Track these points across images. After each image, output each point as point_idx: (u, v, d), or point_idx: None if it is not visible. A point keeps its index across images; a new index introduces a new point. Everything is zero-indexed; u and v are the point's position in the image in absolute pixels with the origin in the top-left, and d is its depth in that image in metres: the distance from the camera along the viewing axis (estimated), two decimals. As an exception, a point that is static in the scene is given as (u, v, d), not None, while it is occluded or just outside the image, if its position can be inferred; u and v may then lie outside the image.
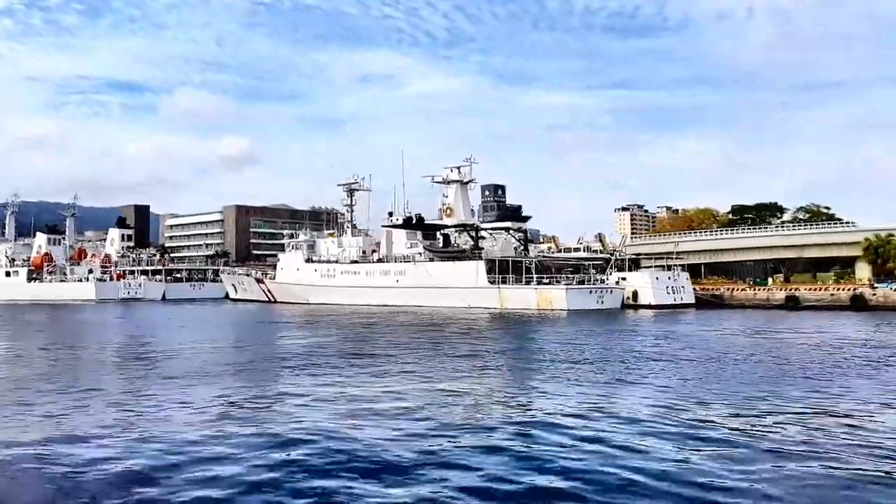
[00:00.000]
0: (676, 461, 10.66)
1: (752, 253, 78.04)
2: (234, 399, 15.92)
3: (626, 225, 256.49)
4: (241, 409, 14.75)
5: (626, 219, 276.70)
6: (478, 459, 10.72)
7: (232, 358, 24.75)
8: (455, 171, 76.05)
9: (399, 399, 15.79)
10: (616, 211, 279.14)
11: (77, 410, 14.62)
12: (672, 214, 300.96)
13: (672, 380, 18.92)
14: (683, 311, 54.97)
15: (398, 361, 22.93)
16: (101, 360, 24.41)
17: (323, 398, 15.98)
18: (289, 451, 11.21)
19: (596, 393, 16.73)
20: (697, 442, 11.88)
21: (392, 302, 65.46)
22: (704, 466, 10.38)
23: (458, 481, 9.68)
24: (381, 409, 14.68)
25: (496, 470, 10.21)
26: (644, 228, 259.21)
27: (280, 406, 15.18)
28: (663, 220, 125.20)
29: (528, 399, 16.21)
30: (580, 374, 20.00)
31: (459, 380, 18.78)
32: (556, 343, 29.60)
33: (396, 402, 15.46)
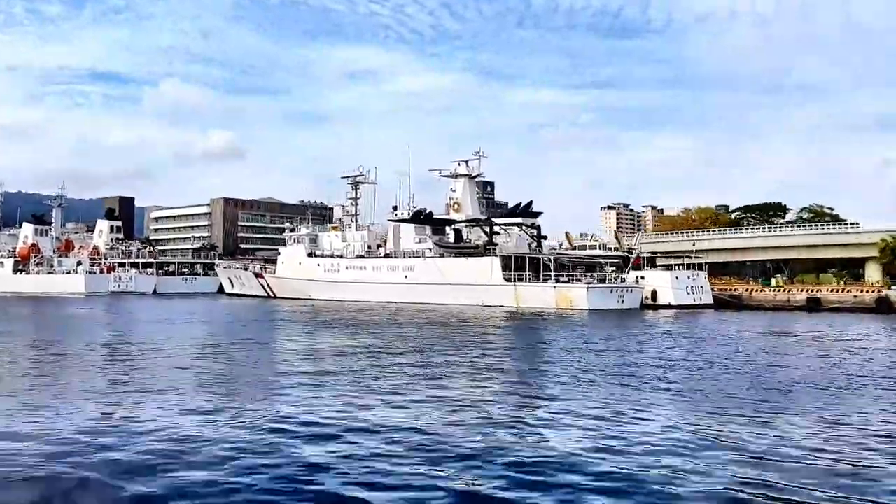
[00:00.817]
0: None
1: (770, 253, 76.65)
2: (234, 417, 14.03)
3: (612, 223, 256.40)
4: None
5: (611, 217, 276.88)
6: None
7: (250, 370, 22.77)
8: (463, 164, 74.20)
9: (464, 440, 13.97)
10: (602, 209, 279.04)
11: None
12: (658, 213, 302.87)
13: (744, 399, 17.27)
14: (703, 312, 53.66)
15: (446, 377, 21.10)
16: (88, 364, 22.29)
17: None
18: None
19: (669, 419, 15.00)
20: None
21: (400, 299, 63.53)
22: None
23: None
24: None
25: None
26: (630, 227, 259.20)
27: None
28: (664, 218, 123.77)
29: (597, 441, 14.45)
30: (656, 396, 18.28)
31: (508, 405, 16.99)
32: (612, 352, 27.91)
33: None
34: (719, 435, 12.29)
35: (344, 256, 73.07)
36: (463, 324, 40.18)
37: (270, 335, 33.20)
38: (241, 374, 19.67)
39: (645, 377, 19.22)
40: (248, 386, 17.57)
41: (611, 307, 52.77)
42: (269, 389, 16.55)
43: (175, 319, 44.58)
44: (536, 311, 51.76)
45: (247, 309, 56.81)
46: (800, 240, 75.48)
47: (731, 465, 10.42)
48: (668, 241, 77.71)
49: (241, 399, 15.30)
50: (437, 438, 11.79)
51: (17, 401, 14.81)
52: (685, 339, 31.77)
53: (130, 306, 59.90)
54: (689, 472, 10.00)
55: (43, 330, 36.65)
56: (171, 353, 24.31)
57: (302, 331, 35.28)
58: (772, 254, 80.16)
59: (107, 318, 46.23)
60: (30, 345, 26.95)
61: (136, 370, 19.98)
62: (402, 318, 43.76)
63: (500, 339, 32.50)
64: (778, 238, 75.41)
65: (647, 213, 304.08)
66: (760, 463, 10.51)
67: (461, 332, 34.47)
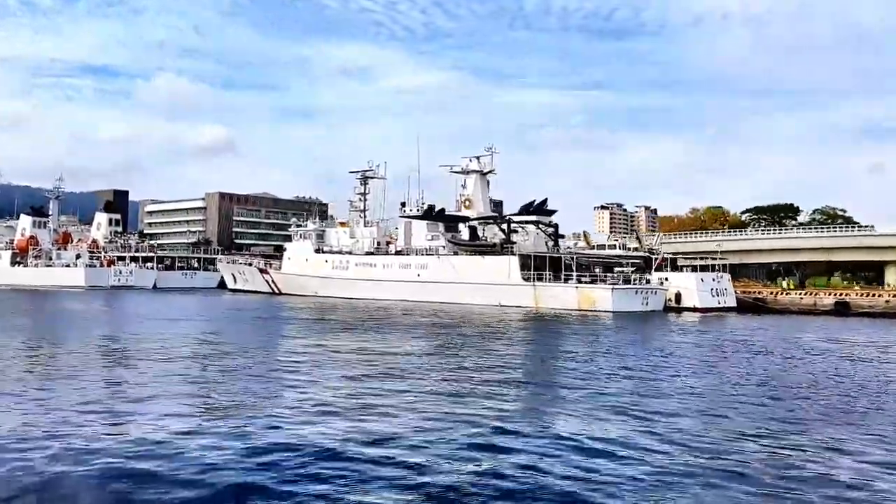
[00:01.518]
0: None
1: (784, 255, 75.00)
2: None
3: (605, 224, 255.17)
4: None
5: (605, 217, 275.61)
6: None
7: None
8: (475, 160, 72.38)
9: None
10: (595, 209, 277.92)
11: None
12: (651, 213, 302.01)
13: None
14: (728, 316, 51.98)
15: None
16: (111, 369, 20.35)
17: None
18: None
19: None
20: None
21: (412, 297, 61.62)
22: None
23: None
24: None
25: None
26: (623, 227, 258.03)
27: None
28: (662, 219, 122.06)
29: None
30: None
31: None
32: (664, 366, 26.10)
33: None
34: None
35: (353, 253, 71.08)
36: (486, 326, 38.35)
37: (289, 336, 31.23)
38: (263, 381, 17.79)
39: (726, 404, 17.42)
40: (267, 400, 15.69)
41: (635, 309, 51.03)
42: (293, 397, 14.71)
43: (183, 316, 42.61)
44: (557, 313, 49.97)
45: (254, 305, 54.83)
46: (819, 241, 73.68)
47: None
48: (689, 241, 75.85)
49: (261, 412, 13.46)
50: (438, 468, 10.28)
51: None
52: (738, 352, 29.98)
53: (134, 301, 57.82)
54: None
55: (49, 327, 34.63)
56: (186, 356, 22.41)
57: (323, 331, 33.34)
58: (786, 255, 78.47)
59: (114, 315, 44.17)
60: (38, 346, 24.98)
61: (150, 378, 18.05)
62: (425, 319, 41.88)
63: (533, 345, 30.64)
64: (806, 240, 73.36)
65: (640, 214, 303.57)
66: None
67: (486, 336, 32.66)
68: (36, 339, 26.51)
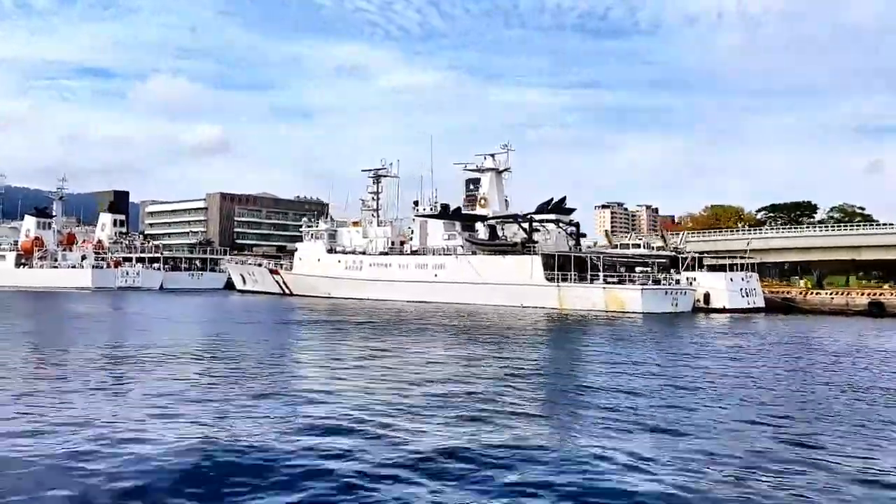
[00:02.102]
0: None
1: (801, 254, 72.89)
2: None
3: (606, 223, 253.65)
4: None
5: (606, 216, 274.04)
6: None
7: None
8: (490, 158, 70.77)
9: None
10: (596, 208, 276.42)
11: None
12: (652, 212, 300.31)
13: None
14: (757, 316, 50.37)
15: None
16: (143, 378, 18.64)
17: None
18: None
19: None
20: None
21: (429, 298, 59.99)
22: None
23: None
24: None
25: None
26: (624, 227, 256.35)
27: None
28: (687, 218, 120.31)
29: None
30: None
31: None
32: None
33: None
34: None
35: (367, 253, 69.40)
36: (515, 329, 36.68)
37: (319, 344, 29.53)
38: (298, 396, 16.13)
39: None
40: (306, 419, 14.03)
41: (665, 310, 49.38)
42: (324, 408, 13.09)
43: (203, 319, 41.01)
44: (583, 314, 48.30)
45: (269, 307, 53.18)
46: (848, 240, 71.72)
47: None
48: (714, 239, 74.04)
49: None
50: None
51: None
52: (797, 356, 28.31)
53: (145, 304, 56.16)
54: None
55: (73, 332, 32.94)
56: (207, 362, 20.76)
57: (357, 336, 31.63)
58: (808, 254, 76.59)
59: (129, 319, 42.47)
60: (69, 352, 23.30)
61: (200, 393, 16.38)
62: (453, 321, 40.19)
63: (578, 353, 28.90)
64: (833, 238, 71.26)
65: (641, 213, 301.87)
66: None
67: (520, 341, 31.01)
68: (63, 345, 24.86)
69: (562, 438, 12.17)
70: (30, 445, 10.95)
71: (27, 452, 10.56)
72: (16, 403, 14.17)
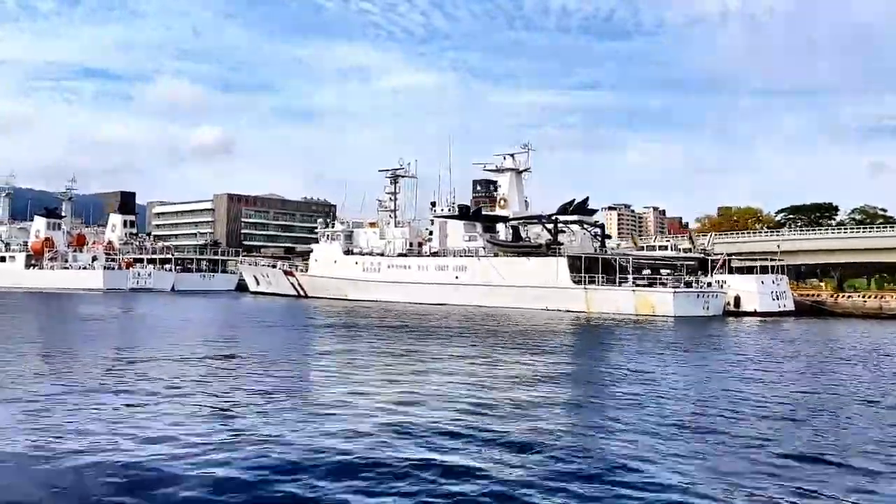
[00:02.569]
0: None
1: (852, 255, 71.00)
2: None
3: (613, 224, 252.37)
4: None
5: (613, 218, 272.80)
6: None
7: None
8: (509, 158, 69.66)
9: None
10: (602, 210, 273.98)
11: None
12: (659, 214, 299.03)
13: None
14: (788, 320, 49.22)
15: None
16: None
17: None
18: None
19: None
20: None
21: (449, 301, 58.92)
22: None
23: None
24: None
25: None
26: (631, 228, 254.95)
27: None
28: (705, 220, 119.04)
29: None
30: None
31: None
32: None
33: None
34: None
35: (385, 254, 68.31)
36: (547, 334, 35.58)
37: (351, 350, 28.42)
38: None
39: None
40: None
41: (697, 314, 48.26)
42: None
43: (225, 323, 39.93)
44: (612, 318, 47.18)
45: (287, 310, 52.14)
46: (873, 242, 70.22)
47: None
48: (739, 241, 72.81)
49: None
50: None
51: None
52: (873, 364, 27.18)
53: (162, 306, 55.12)
54: None
55: (100, 336, 31.86)
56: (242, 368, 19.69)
57: (399, 340, 30.51)
58: (834, 256, 75.22)
59: (156, 323, 41.38)
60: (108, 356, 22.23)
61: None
62: (486, 324, 39.08)
63: (623, 360, 27.76)
64: (884, 239, 69.46)
65: (648, 214, 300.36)
66: None
67: (553, 347, 29.90)
68: (101, 348, 23.79)
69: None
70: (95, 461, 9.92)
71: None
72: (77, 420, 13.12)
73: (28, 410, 13.52)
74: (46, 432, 11.73)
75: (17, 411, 13.40)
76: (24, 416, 12.99)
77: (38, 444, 11.01)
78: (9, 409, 13.57)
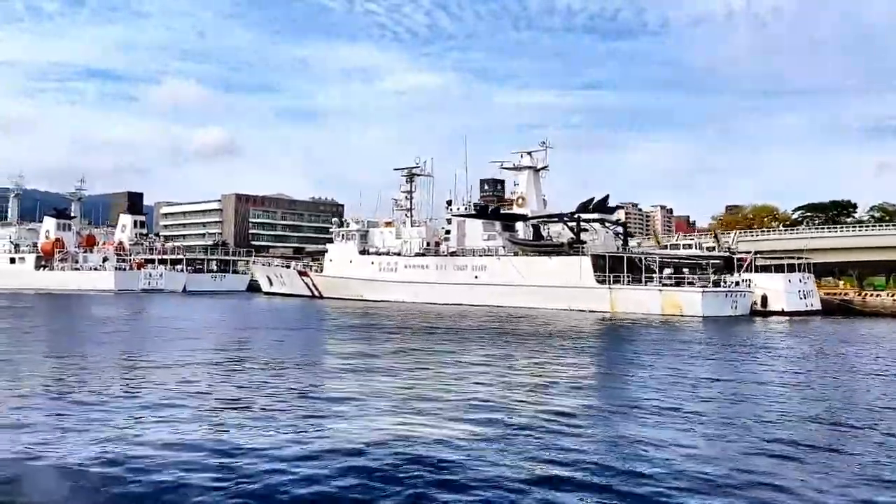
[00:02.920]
0: None
1: (871, 253, 69.47)
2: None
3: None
4: None
5: (620, 217, 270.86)
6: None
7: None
8: (527, 156, 68.79)
9: None
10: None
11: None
12: (668, 214, 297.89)
13: None
14: (815, 319, 48.25)
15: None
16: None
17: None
18: None
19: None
20: None
21: (469, 301, 58.07)
22: None
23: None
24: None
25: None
26: (639, 227, 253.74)
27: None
28: (719, 218, 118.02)
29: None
30: None
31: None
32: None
33: None
34: None
35: (401, 254, 67.48)
36: (576, 335, 34.70)
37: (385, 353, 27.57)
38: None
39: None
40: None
41: (725, 314, 47.33)
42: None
43: (248, 324, 39.12)
44: (639, 318, 46.26)
45: (307, 310, 51.35)
46: (883, 240, 68.88)
47: None
48: (765, 239, 71.58)
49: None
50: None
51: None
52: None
53: (178, 307, 54.35)
54: None
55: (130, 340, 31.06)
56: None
57: (436, 342, 29.66)
58: (848, 255, 73.85)
59: (178, 325, 40.58)
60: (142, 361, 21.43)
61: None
62: (524, 327, 38.23)
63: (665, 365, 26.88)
64: (884, 237, 68.12)
65: (656, 213, 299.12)
66: None
67: (586, 348, 29.00)
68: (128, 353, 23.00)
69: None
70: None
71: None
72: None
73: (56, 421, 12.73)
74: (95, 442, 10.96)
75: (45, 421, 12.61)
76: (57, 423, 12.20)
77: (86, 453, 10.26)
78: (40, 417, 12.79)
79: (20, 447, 10.82)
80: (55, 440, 11.31)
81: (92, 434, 11.70)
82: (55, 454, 10.46)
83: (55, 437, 11.47)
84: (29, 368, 19.39)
